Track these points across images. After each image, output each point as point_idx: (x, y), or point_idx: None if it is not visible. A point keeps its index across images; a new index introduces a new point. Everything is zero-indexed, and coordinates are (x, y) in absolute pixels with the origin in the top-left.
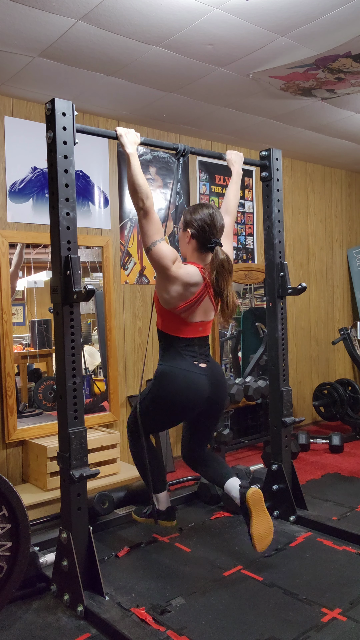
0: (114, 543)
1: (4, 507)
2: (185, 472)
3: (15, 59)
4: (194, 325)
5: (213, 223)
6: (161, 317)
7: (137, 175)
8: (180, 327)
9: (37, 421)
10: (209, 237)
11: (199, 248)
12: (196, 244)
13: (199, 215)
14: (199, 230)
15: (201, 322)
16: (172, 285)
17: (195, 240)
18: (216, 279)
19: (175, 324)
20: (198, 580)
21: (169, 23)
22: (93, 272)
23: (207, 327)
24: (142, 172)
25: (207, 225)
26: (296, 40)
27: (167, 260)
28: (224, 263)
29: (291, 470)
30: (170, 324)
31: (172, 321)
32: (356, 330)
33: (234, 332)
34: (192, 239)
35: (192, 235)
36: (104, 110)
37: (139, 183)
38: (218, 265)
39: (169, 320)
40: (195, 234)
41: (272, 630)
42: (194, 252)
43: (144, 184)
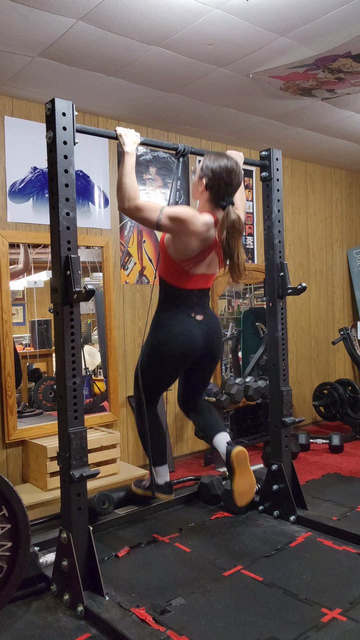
0: (114, 543)
1: (4, 507)
2: (185, 472)
3: (15, 59)
4: (196, 277)
5: (230, 180)
6: (165, 266)
7: (127, 176)
8: (182, 278)
9: (37, 421)
10: (223, 195)
11: (211, 200)
12: (209, 196)
13: (217, 167)
14: (214, 183)
15: (203, 274)
16: (193, 238)
17: (208, 192)
18: (227, 239)
19: (177, 275)
20: (198, 580)
21: (169, 23)
22: (93, 272)
23: (208, 280)
24: (133, 173)
25: (223, 182)
26: (296, 40)
27: (184, 215)
28: (235, 224)
29: (291, 470)
30: (174, 274)
31: (175, 271)
32: (356, 330)
33: (234, 332)
34: (205, 189)
35: (207, 186)
36: (104, 110)
37: (124, 182)
38: (229, 226)
39: (173, 270)
40: (209, 186)
41: (272, 630)
42: (207, 202)
43: (129, 185)
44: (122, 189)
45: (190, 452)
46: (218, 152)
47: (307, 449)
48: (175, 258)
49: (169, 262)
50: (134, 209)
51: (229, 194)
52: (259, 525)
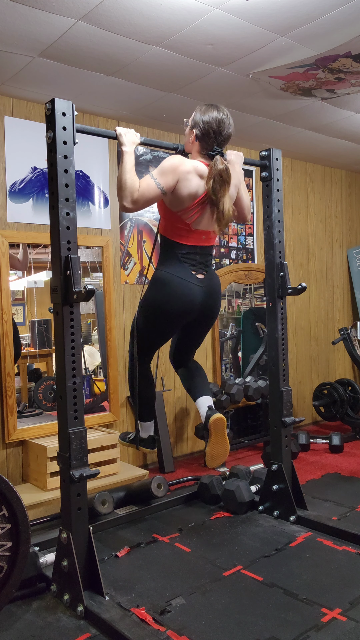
0: (114, 543)
1: (4, 507)
2: (185, 472)
3: (15, 59)
4: (197, 233)
5: (219, 130)
6: (164, 220)
7: (126, 174)
8: (182, 233)
9: (37, 421)
10: (212, 144)
11: (202, 150)
12: (199, 147)
13: (207, 117)
14: (204, 134)
15: (205, 230)
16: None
17: (198, 143)
18: (213, 187)
19: (178, 229)
20: (198, 580)
21: (169, 23)
22: (93, 272)
23: (210, 237)
24: (133, 170)
25: (213, 131)
26: (296, 40)
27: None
28: (222, 173)
29: (291, 470)
30: (173, 228)
31: (175, 226)
32: (356, 330)
33: (234, 332)
34: (195, 140)
35: (196, 136)
36: (104, 110)
37: (124, 179)
38: (216, 174)
39: (172, 224)
40: (199, 136)
41: (272, 630)
42: (198, 153)
43: (129, 181)
44: (122, 187)
45: (190, 452)
46: (209, 104)
47: (307, 449)
48: (175, 209)
49: (169, 215)
50: (138, 198)
51: (219, 144)
52: (259, 525)
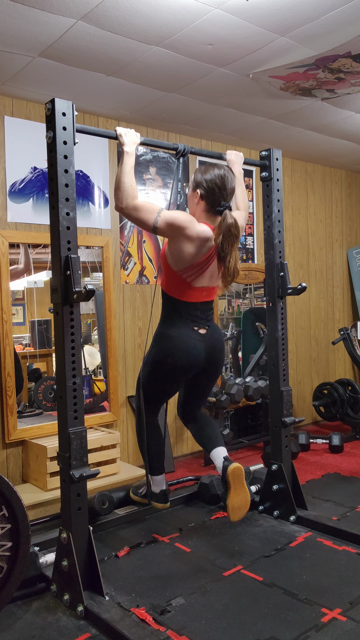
0: (114, 543)
1: (4, 507)
2: (185, 472)
3: (15, 59)
4: (198, 290)
5: (224, 185)
6: (166, 278)
7: (125, 175)
8: (184, 291)
9: (37, 421)
10: (219, 200)
11: (208, 209)
12: (205, 205)
13: (209, 175)
14: (209, 192)
15: (206, 287)
16: (188, 244)
17: (204, 202)
18: (221, 242)
19: (179, 287)
20: (198, 580)
21: (169, 23)
22: (93, 272)
23: (211, 292)
24: (132, 172)
25: (217, 187)
26: (296, 40)
27: (180, 220)
28: (231, 227)
29: (291, 470)
30: (175, 286)
31: (177, 284)
32: (356, 330)
33: (234, 332)
34: (201, 199)
35: (202, 196)
36: (104, 110)
37: (123, 181)
38: (225, 230)
39: (174, 282)
40: (204, 195)
41: (272, 630)
42: (203, 212)
43: (127, 183)
44: (120, 188)
45: (190, 452)
46: (207, 164)
47: (307, 449)
48: (175, 269)
49: (170, 273)
50: (132, 208)
51: (224, 199)
52: (259, 525)
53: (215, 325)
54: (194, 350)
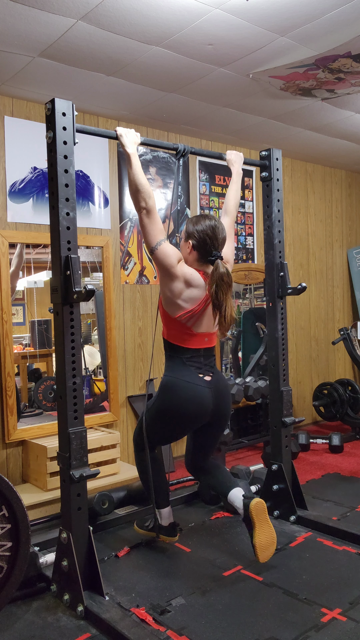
0: (114, 543)
1: (4, 507)
2: (185, 472)
3: (15, 59)
4: (200, 336)
5: (215, 235)
6: (167, 327)
7: (138, 175)
8: (185, 338)
9: (37, 421)
10: (210, 250)
11: (200, 259)
12: (197, 255)
13: (200, 226)
14: (200, 242)
15: (207, 332)
16: (175, 283)
17: (196, 252)
18: (215, 292)
19: (180, 334)
20: (198, 580)
21: (169, 23)
22: (93, 272)
23: (212, 338)
24: (142, 171)
25: (209, 238)
26: (296, 40)
27: (171, 258)
28: (223, 276)
29: (291, 470)
30: (176, 333)
31: (178, 331)
32: (356, 330)
33: (234, 332)
34: (193, 250)
35: (194, 246)
36: (104, 110)
37: (140, 182)
38: (218, 279)
39: (175, 329)
40: (196, 246)
41: (272, 630)
42: (195, 262)
43: (145, 183)
44: (139, 189)
45: None
46: (198, 215)
47: (307, 449)
48: (173, 315)
49: (170, 321)
50: (151, 209)
51: (216, 248)
52: None
53: (218, 371)
54: (203, 398)
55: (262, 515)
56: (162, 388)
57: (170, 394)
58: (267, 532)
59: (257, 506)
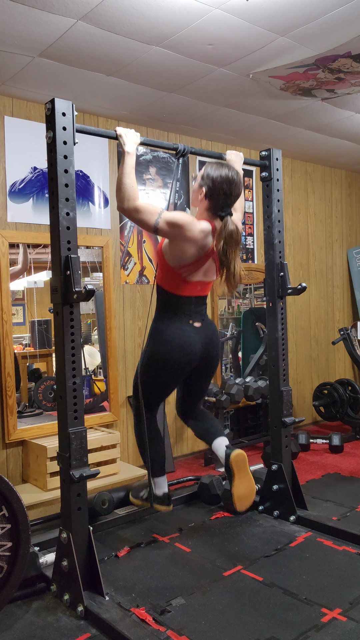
0: (114, 543)
1: (4, 507)
2: (185, 472)
3: (15, 59)
4: (193, 284)
5: (230, 191)
6: (162, 273)
7: (127, 176)
8: (179, 285)
9: (37, 421)
10: (222, 205)
11: (210, 209)
12: (208, 205)
13: (219, 177)
14: (214, 193)
15: (200, 281)
16: (190, 244)
17: (207, 201)
18: (224, 249)
19: (175, 282)
20: (198, 580)
21: (169, 23)
22: (93, 272)
23: (206, 287)
24: (133, 173)
25: (223, 192)
26: (296, 40)
27: (181, 221)
28: (233, 234)
29: (291, 470)
30: (171, 281)
31: (172, 278)
32: (356, 330)
33: (234, 332)
34: (205, 198)
35: (206, 194)
36: (104, 110)
37: (124, 182)
38: (227, 236)
39: (170, 277)
40: (209, 195)
41: (272, 630)
42: (205, 211)
43: (129, 184)
44: (121, 188)
45: (190, 452)
46: (220, 162)
47: (307, 449)
48: (172, 265)
49: (166, 269)
50: (132, 209)
51: (228, 205)
52: (259, 525)
53: (209, 319)
54: (191, 343)
55: (242, 467)
56: (151, 334)
57: (160, 339)
58: (246, 483)
59: (237, 457)
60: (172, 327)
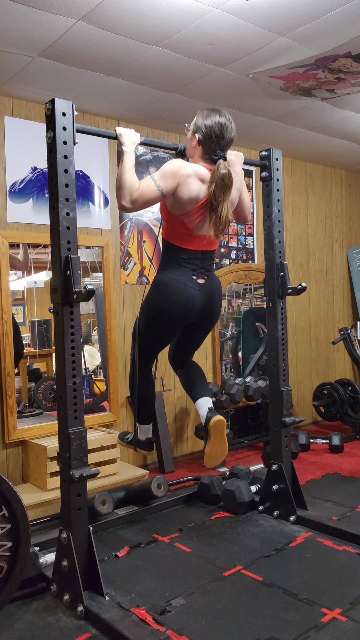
0: (114, 543)
1: (4, 507)
2: (185, 472)
3: (15, 59)
4: (199, 238)
5: (222, 134)
6: (166, 223)
7: (126, 173)
8: (184, 238)
9: (37, 421)
10: (214, 148)
11: (203, 155)
12: (201, 151)
13: (209, 121)
14: (206, 138)
15: (206, 235)
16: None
17: (201, 147)
18: (214, 192)
19: (180, 234)
20: (198, 580)
21: (169, 23)
22: (93, 272)
23: (212, 242)
24: (133, 170)
25: (215, 135)
26: (296, 40)
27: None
28: (224, 177)
29: (291, 470)
30: (175, 232)
31: (177, 230)
32: (356, 330)
33: (234, 332)
34: (198, 144)
35: (199, 141)
36: (104, 110)
37: (124, 179)
38: (218, 179)
39: (174, 227)
40: (201, 140)
41: (272, 630)
42: (199, 158)
43: (129, 180)
44: (122, 185)
45: (190, 452)
46: (210, 108)
47: (307, 449)
48: (177, 213)
49: (171, 219)
50: (137, 198)
51: (221, 148)
52: (259, 525)
53: (214, 276)
54: (191, 299)
55: (220, 432)
56: (153, 285)
57: (161, 291)
58: (220, 446)
59: (216, 424)
60: (174, 281)
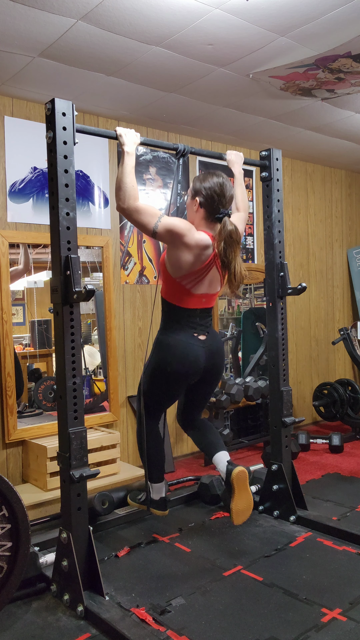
0: (114, 543)
1: (4, 507)
2: (185, 472)
3: (15, 59)
4: (198, 297)
5: (222, 192)
6: (166, 285)
7: (127, 175)
8: (183, 298)
9: (37, 421)
10: (218, 207)
11: (207, 217)
12: (204, 213)
13: (208, 183)
14: (208, 199)
15: (205, 294)
16: (186, 252)
17: (203, 209)
18: (224, 249)
19: (179, 294)
20: (198, 580)
21: (169, 23)
22: (93, 272)
23: (210, 299)
24: (133, 172)
25: (217, 195)
26: (296, 40)
27: (180, 227)
28: (232, 234)
29: (291, 470)
30: (175, 293)
31: (176, 290)
32: (356, 330)
33: (234, 332)
34: (200, 207)
35: (201, 204)
36: (104, 110)
37: (124, 181)
38: (226, 236)
39: (174, 289)
40: (203, 203)
41: (272, 630)
42: (202, 220)
43: (129, 183)
44: (122, 188)
45: (190, 452)
46: (205, 172)
47: (307, 449)
48: (174, 276)
49: (169, 281)
50: (133, 209)
51: (223, 206)
52: (259, 525)
53: (214, 332)
54: (195, 357)
55: (243, 484)
56: (156, 345)
57: (164, 352)
58: (245, 499)
59: (239, 475)
60: (177, 340)
